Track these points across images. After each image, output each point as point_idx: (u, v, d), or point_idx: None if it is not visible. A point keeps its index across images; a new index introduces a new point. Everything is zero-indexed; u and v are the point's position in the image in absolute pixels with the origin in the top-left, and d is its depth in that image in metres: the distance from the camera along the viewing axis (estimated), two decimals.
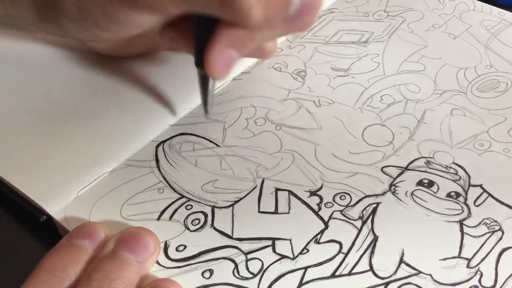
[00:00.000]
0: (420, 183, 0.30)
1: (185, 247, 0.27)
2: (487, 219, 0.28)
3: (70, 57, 0.36)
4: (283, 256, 0.27)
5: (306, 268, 0.26)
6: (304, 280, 0.26)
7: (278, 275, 0.26)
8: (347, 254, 0.27)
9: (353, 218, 0.28)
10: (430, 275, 0.26)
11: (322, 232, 0.28)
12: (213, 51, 0.26)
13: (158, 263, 0.26)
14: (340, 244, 0.27)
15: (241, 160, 0.31)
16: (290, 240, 0.27)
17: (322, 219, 0.28)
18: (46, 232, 0.29)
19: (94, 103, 0.34)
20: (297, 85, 0.36)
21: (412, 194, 0.29)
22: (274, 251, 0.27)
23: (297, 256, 0.27)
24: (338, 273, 0.26)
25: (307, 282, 0.26)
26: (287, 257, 0.27)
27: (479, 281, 0.26)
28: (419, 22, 0.41)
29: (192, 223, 0.28)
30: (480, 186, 0.30)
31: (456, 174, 0.30)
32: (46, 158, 0.31)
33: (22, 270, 0.24)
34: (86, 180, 0.30)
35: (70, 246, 0.25)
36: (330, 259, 0.26)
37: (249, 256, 0.27)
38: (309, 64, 0.38)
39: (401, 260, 0.26)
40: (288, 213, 0.28)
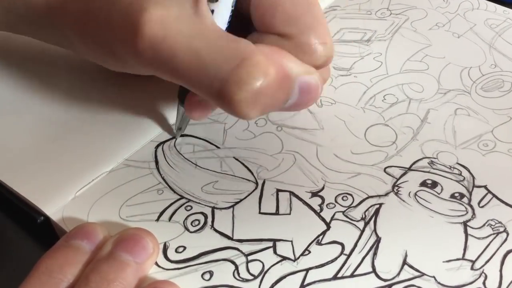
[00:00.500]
0: (423, 183, 0.30)
1: (184, 248, 0.27)
2: (491, 220, 0.28)
3: (68, 56, 0.35)
4: (284, 258, 0.26)
5: (307, 270, 0.26)
6: (306, 282, 0.25)
7: (279, 277, 0.26)
8: (349, 256, 0.26)
9: (355, 219, 0.28)
10: (434, 277, 0.26)
11: (324, 233, 0.27)
12: (194, 98, 0.27)
13: (157, 264, 0.26)
14: (342, 245, 0.27)
15: (241, 161, 0.31)
16: (292, 241, 0.27)
17: (324, 220, 0.28)
18: (43, 233, 0.28)
19: (93, 102, 0.34)
20: None
21: (415, 195, 0.29)
22: (275, 252, 0.27)
23: (298, 257, 0.26)
24: (340, 275, 0.26)
25: (309, 284, 0.25)
26: (288, 258, 0.26)
27: (484, 283, 0.25)
28: (423, 20, 0.41)
29: (191, 224, 0.28)
30: (485, 187, 0.29)
31: (460, 175, 0.30)
32: (43, 158, 0.30)
33: (19, 272, 0.24)
34: (84, 181, 0.29)
35: (67, 247, 0.25)
36: (332, 261, 0.26)
37: (249, 257, 0.26)
38: None
39: (404, 262, 0.26)
40: (290, 214, 0.28)
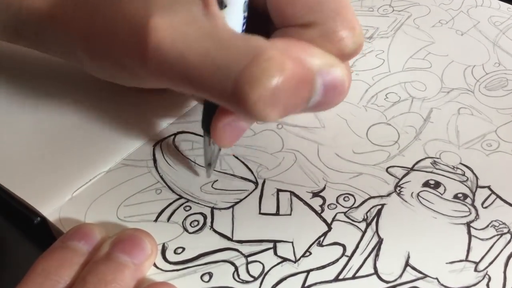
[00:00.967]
0: (426, 184, 0.29)
1: (183, 249, 0.26)
2: (495, 221, 0.28)
3: None
4: (285, 259, 0.26)
5: (308, 272, 0.26)
6: (307, 284, 0.25)
7: (280, 278, 0.25)
8: (351, 257, 0.26)
9: (357, 220, 0.28)
10: (437, 278, 0.25)
11: (325, 234, 0.27)
12: (221, 121, 0.24)
13: (155, 266, 0.26)
14: (344, 246, 0.27)
15: (241, 159, 0.30)
16: (292, 242, 0.27)
17: (325, 221, 0.28)
18: (40, 234, 0.28)
19: (90, 100, 0.33)
20: None
21: (418, 195, 0.29)
22: (275, 253, 0.26)
23: (299, 259, 0.26)
24: (341, 276, 0.25)
25: (310, 286, 0.25)
26: (289, 260, 0.26)
27: (487, 285, 0.25)
28: (426, 17, 0.41)
29: (190, 224, 0.27)
30: (488, 188, 0.29)
31: (463, 175, 0.30)
32: (39, 158, 0.30)
33: (15, 273, 0.24)
34: (81, 181, 0.29)
35: (64, 248, 0.25)
36: (334, 262, 0.26)
37: (249, 259, 0.26)
38: None
39: (406, 263, 0.26)
40: (290, 214, 0.28)
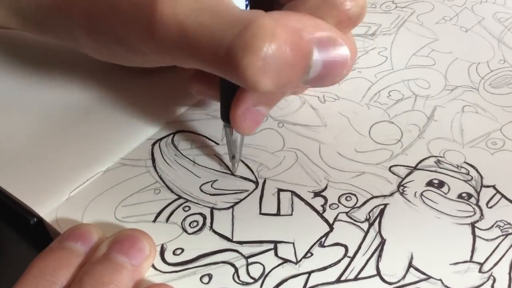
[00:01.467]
0: (430, 183, 0.29)
1: (182, 250, 0.26)
2: (500, 221, 0.27)
3: (61, 56, 0.35)
4: (286, 260, 0.26)
5: (310, 273, 0.25)
6: (308, 285, 0.25)
7: (281, 280, 0.25)
8: (353, 258, 0.26)
9: (359, 220, 0.28)
10: (441, 280, 0.25)
11: (326, 235, 0.27)
12: (239, 108, 0.25)
13: (154, 267, 0.26)
14: (346, 247, 0.26)
15: (241, 159, 0.30)
16: (293, 243, 0.27)
17: (326, 221, 0.27)
18: (36, 234, 0.28)
19: (88, 99, 0.33)
20: None
21: (421, 195, 0.29)
22: (276, 254, 0.26)
23: (300, 260, 0.26)
24: (343, 278, 0.25)
25: None
26: (290, 261, 0.26)
27: (492, 286, 0.25)
28: (429, 14, 0.41)
29: (190, 225, 0.27)
30: (493, 187, 0.29)
31: (467, 174, 0.30)
32: (36, 157, 0.30)
33: (11, 274, 0.24)
34: (78, 181, 0.29)
35: (61, 248, 0.24)
36: (335, 263, 0.26)
37: (250, 260, 0.26)
38: None
39: (410, 265, 0.26)
40: (291, 215, 0.28)
